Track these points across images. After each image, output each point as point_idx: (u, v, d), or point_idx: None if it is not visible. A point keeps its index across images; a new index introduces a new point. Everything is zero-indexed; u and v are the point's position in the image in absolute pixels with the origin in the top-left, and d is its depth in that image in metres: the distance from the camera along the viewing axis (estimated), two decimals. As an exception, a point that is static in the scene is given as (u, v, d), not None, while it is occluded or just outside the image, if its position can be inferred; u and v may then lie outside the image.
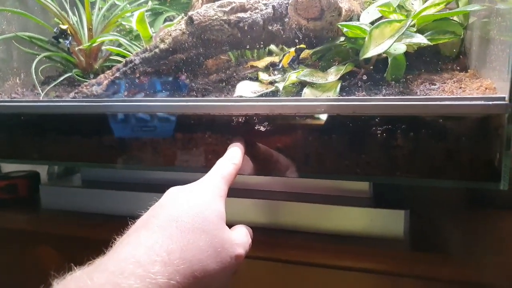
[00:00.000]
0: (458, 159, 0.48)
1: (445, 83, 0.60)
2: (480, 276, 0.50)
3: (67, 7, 0.89)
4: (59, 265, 0.37)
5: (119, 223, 0.41)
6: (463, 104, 0.46)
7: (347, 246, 0.57)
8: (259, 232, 0.62)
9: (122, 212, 0.71)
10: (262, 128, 0.55)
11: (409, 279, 0.54)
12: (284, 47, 0.79)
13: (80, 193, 0.74)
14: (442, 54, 0.71)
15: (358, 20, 0.70)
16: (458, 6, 0.69)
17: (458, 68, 0.67)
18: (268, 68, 0.81)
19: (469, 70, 0.63)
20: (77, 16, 0.89)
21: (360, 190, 0.63)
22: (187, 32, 0.66)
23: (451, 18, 0.68)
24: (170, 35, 0.68)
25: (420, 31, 0.67)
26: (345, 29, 0.60)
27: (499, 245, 0.58)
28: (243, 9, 0.66)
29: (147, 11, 0.83)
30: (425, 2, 0.71)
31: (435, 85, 0.60)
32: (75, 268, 0.34)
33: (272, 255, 0.60)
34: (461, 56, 0.71)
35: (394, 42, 0.55)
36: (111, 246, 0.37)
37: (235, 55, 0.89)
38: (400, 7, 0.70)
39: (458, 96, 0.48)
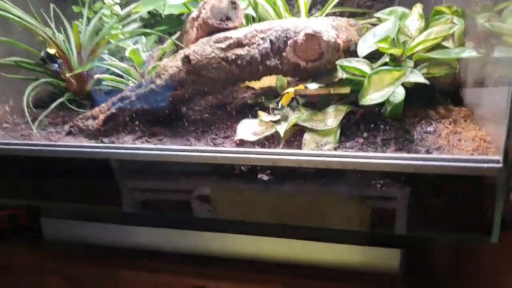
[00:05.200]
0: (455, 213, 0.50)
1: (440, 122, 0.62)
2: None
3: (52, 25, 0.86)
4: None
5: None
6: (459, 165, 0.47)
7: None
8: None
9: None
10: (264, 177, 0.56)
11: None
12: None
13: (82, 226, 0.75)
14: (436, 83, 0.72)
15: (356, 48, 0.70)
16: (453, 38, 0.69)
17: (452, 100, 0.68)
18: (265, 94, 0.81)
19: (463, 108, 0.64)
20: (63, 33, 0.86)
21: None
22: (184, 70, 0.65)
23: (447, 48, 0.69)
24: (167, 71, 0.67)
25: (417, 62, 0.68)
26: (345, 75, 0.60)
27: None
28: (240, 44, 0.65)
29: (134, 36, 0.81)
30: (422, 32, 0.71)
31: (431, 124, 0.62)
32: None
33: None
34: (455, 86, 0.72)
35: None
36: None
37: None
38: (397, 35, 0.70)
39: (454, 156, 0.49)
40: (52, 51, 0.79)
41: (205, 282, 0.69)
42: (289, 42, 0.61)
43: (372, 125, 0.62)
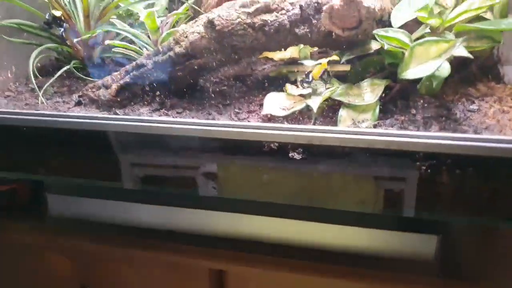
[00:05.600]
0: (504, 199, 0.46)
1: (483, 100, 0.58)
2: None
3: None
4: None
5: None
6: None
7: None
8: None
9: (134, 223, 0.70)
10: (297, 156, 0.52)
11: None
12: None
13: (91, 203, 0.70)
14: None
15: (389, 18, 0.65)
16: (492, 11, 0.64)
17: (491, 75, 0.64)
18: (287, 65, 0.76)
19: (508, 85, 0.60)
20: (69, -4, 0.79)
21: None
22: (207, 36, 0.59)
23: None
24: (187, 37, 0.61)
25: (456, 34, 0.63)
26: (386, 46, 0.55)
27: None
28: (268, 9, 0.60)
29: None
30: (461, 1, 0.66)
31: (473, 102, 0.57)
32: None
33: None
34: (493, 60, 0.67)
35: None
36: None
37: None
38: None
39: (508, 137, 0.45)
40: (58, 13, 0.73)
41: (223, 265, 0.65)
42: (324, 7, 0.56)
43: (410, 102, 0.57)
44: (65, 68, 0.74)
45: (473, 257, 0.61)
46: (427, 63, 0.53)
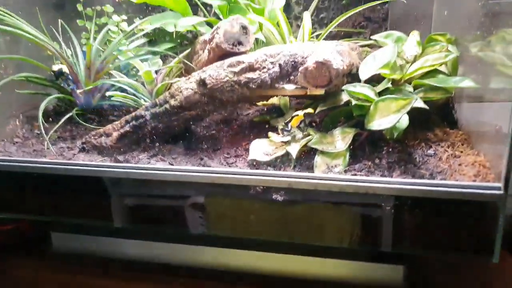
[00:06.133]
0: (460, 235, 0.54)
1: (439, 145, 0.67)
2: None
3: (59, 38, 0.87)
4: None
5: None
6: (464, 191, 0.52)
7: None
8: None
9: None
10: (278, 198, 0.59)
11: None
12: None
13: (94, 240, 0.76)
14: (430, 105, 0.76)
15: (357, 71, 0.74)
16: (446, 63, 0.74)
17: (445, 120, 0.73)
18: (269, 112, 0.84)
19: (459, 132, 0.69)
20: (72, 49, 0.87)
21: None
22: (199, 92, 0.68)
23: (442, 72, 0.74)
24: (181, 92, 0.69)
25: (415, 86, 0.73)
26: (354, 101, 0.64)
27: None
28: (251, 68, 0.68)
29: (142, 54, 0.83)
30: (418, 58, 0.76)
31: (431, 147, 0.66)
32: None
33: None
34: (448, 107, 0.77)
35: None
36: None
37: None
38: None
39: (459, 183, 0.53)
40: (57, 68, 0.81)
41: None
42: (300, 68, 0.65)
43: (376, 147, 0.66)
44: (68, 115, 0.81)
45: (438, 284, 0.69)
46: (389, 117, 0.61)
